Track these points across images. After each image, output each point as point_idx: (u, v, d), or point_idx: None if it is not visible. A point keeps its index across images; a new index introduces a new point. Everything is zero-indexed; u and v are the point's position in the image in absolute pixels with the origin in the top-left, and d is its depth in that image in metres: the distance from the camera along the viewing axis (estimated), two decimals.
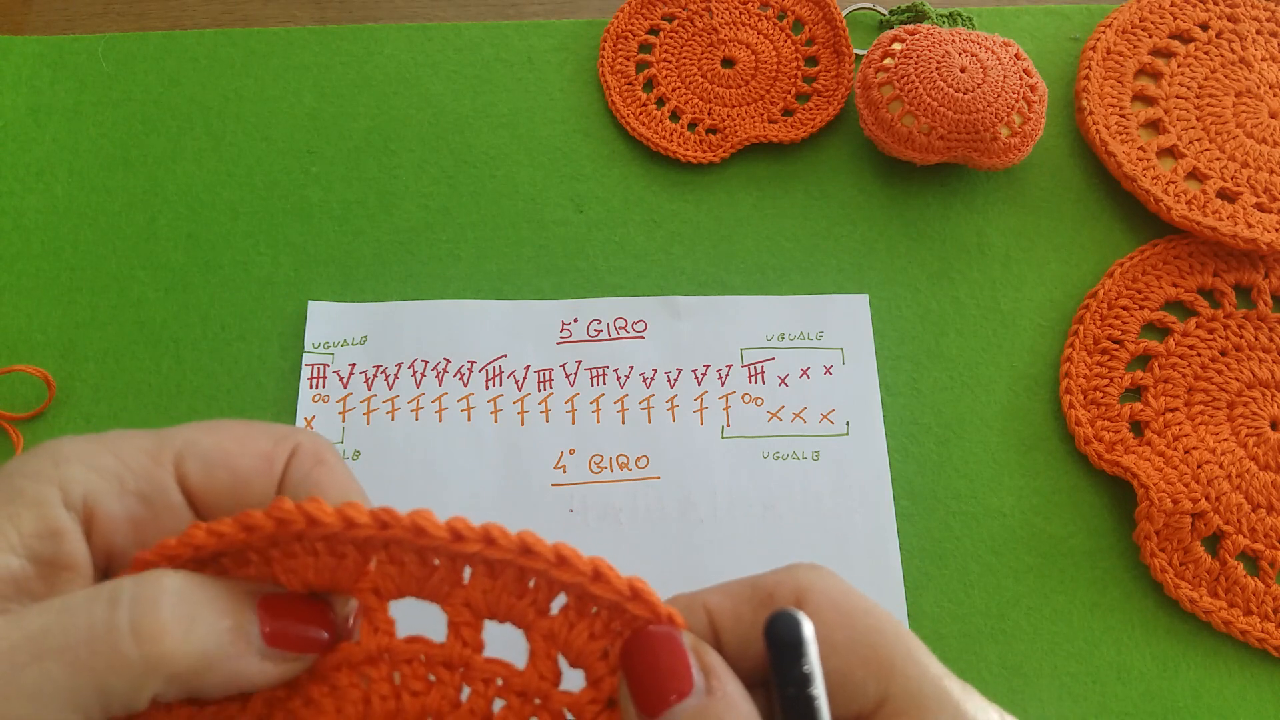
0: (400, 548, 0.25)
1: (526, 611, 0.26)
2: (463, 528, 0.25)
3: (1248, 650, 0.44)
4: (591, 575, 0.25)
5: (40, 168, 0.52)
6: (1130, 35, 0.55)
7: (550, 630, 0.26)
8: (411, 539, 0.25)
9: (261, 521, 0.25)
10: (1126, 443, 0.47)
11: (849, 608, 0.26)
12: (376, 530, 0.25)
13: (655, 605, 0.25)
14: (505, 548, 0.25)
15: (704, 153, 0.53)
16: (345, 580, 0.26)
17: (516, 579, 0.25)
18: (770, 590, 0.27)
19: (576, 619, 0.26)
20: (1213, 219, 0.49)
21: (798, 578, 0.27)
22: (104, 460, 0.26)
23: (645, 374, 0.48)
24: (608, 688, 0.25)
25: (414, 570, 0.26)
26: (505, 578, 0.25)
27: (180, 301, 0.50)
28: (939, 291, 0.50)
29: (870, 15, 0.57)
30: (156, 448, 0.27)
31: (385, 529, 0.25)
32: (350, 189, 0.52)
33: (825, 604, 0.26)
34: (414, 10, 0.58)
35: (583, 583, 0.25)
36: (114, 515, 0.26)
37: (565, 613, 0.26)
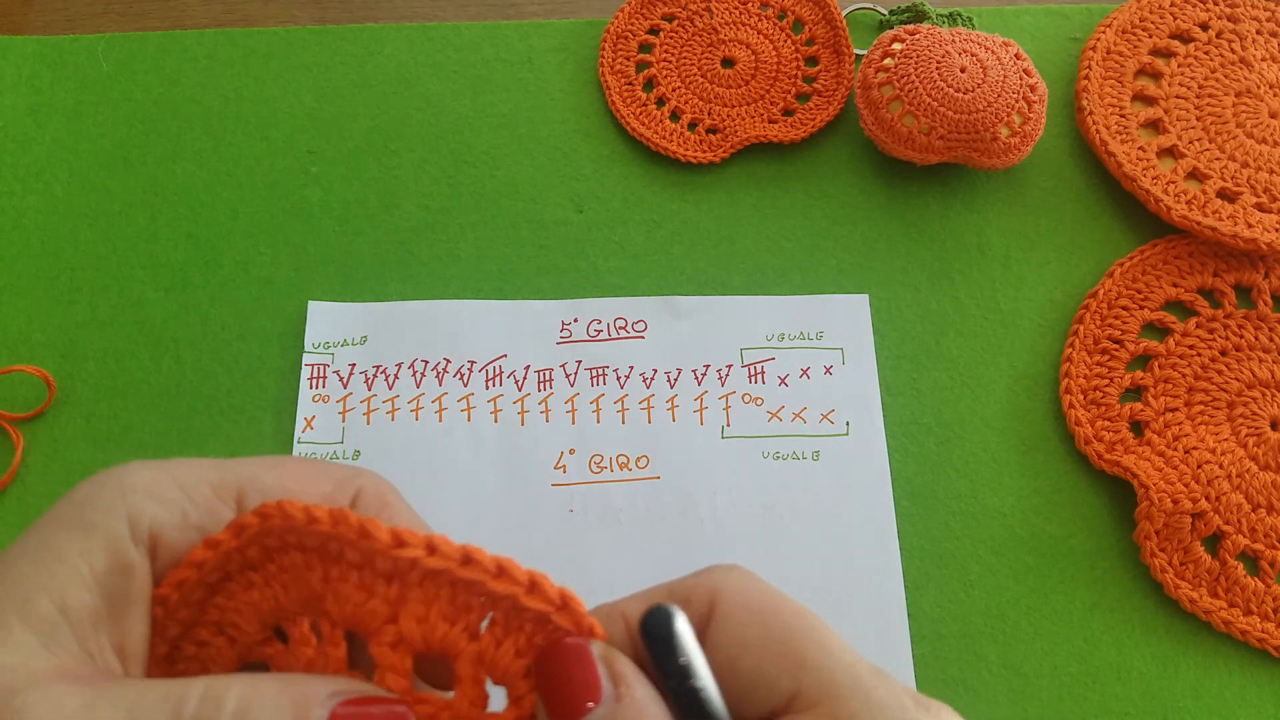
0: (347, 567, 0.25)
1: (459, 639, 0.25)
2: (407, 535, 0.25)
3: (1248, 650, 0.44)
4: (528, 586, 0.25)
5: (40, 168, 0.52)
6: (1130, 35, 0.55)
7: (479, 653, 0.25)
8: (354, 540, 0.25)
9: (250, 521, 0.25)
10: (1126, 443, 0.47)
11: (760, 605, 0.26)
12: (329, 526, 0.25)
13: (580, 617, 0.25)
14: (447, 556, 0.25)
15: (704, 153, 0.53)
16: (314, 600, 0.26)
17: (450, 601, 0.25)
18: (685, 594, 0.27)
19: (504, 636, 0.25)
20: (1213, 219, 0.49)
21: (712, 579, 0.27)
22: (169, 492, 0.26)
23: (645, 374, 0.48)
24: (528, 704, 0.25)
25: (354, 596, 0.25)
26: (439, 602, 0.25)
27: (180, 301, 0.50)
28: (939, 291, 0.50)
29: (870, 15, 0.57)
30: (220, 481, 0.27)
31: (336, 525, 0.25)
32: (350, 189, 0.52)
33: (737, 604, 0.26)
34: (414, 10, 0.58)
35: (517, 595, 0.25)
36: (176, 548, 0.26)
37: (493, 630, 0.25)
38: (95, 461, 0.46)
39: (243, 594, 0.26)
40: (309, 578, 0.25)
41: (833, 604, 0.44)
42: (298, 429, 0.46)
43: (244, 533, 0.25)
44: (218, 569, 0.26)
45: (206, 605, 0.27)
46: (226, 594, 0.26)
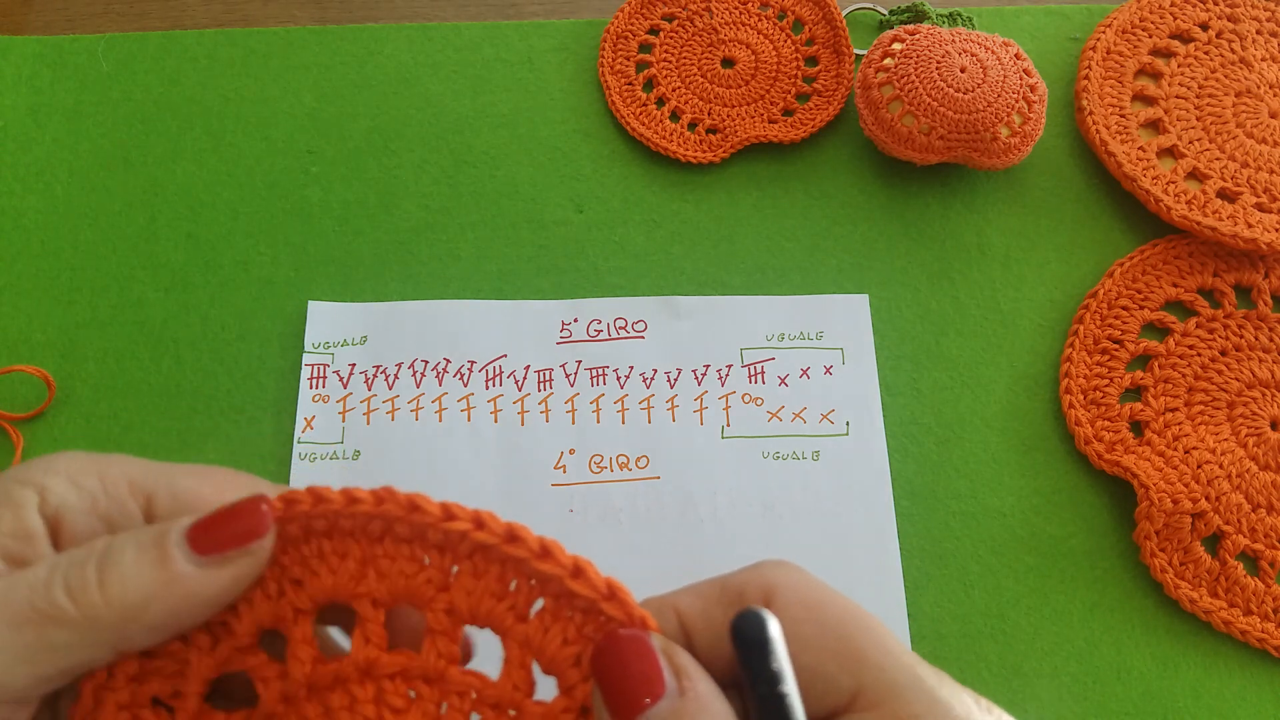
0: (395, 542, 0.26)
1: (505, 616, 0.26)
2: (456, 509, 0.25)
3: (1248, 650, 0.44)
4: (572, 570, 0.25)
5: (40, 168, 0.52)
6: (1130, 35, 0.55)
7: (526, 636, 0.25)
8: (405, 515, 0.25)
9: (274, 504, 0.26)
10: (1126, 443, 0.47)
11: (816, 601, 0.26)
12: (374, 506, 0.25)
13: (630, 607, 0.25)
14: (494, 531, 0.25)
15: (704, 153, 0.53)
16: (346, 586, 0.26)
17: (499, 578, 0.26)
18: (738, 589, 0.27)
19: (551, 623, 0.25)
20: (1213, 219, 0.49)
21: (765, 575, 0.27)
22: (87, 480, 0.27)
23: (645, 374, 0.48)
24: (580, 695, 0.25)
25: (405, 569, 0.26)
26: (488, 578, 0.26)
27: (180, 301, 0.50)
28: (939, 291, 0.50)
29: (870, 15, 0.57)
30: (140, 478, 0.28)
31: (381, 504, 0.25)
32: (350, 189, 0.52)
33: (793, 600, 0.26)
34: (414, 10, 0.58)
35: (563, 577, 0.25)
36: (78, 532, 0.27)
37: (541, 616, 0.26)
38: None
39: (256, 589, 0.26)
40: (340, 565, 0.26)
41: None
42: (298, 429, 0.46)
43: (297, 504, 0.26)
44: None
45: None
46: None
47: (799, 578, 0.27)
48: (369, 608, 0.26)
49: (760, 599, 0.26)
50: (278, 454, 0.46)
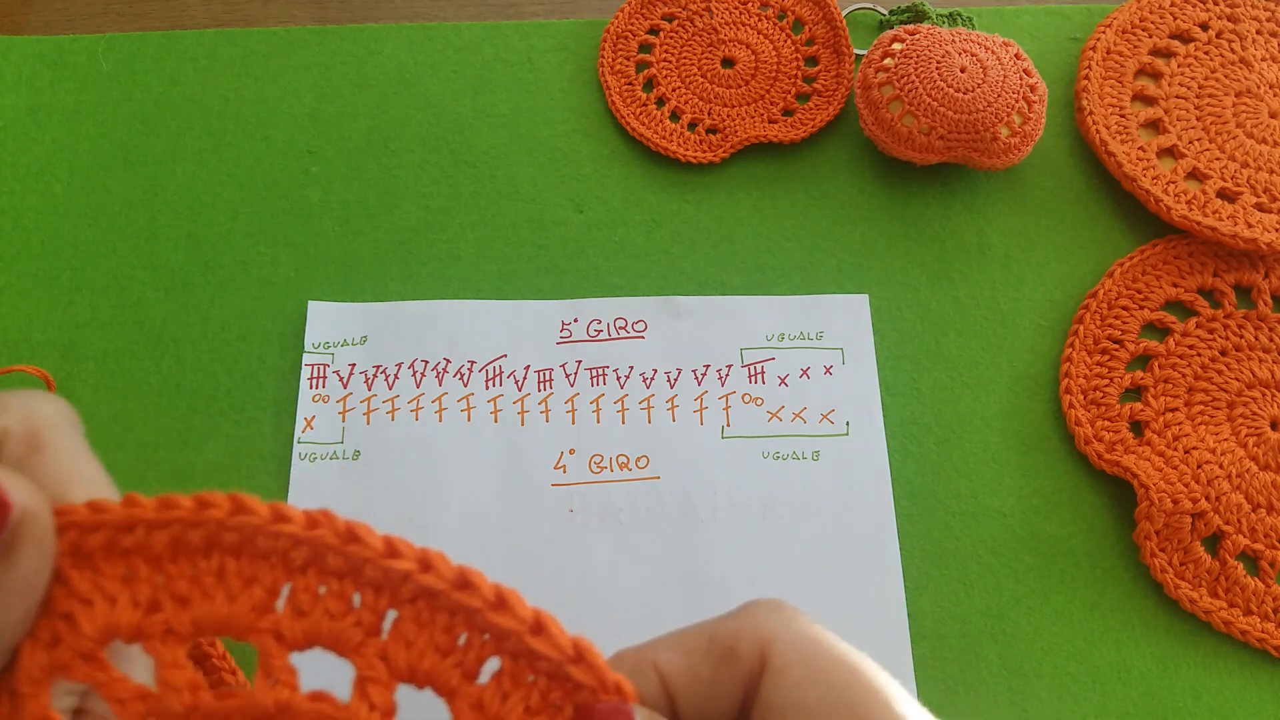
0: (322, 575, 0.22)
1: (451, 675, 0.22)
2: (401, 545, 0.22)
3: (1248, 650, 0.44)
4: (533, 625, 0.22)
5: (40, 168, 0.52)
6: (1130, 35, 0.55)
7: (479, 700, 0.22)
8: (341, 546, 0.22)
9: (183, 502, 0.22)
10: (1126, 443, 0.47)
11: (818, 661, 0.23)
12: (304, 528, 0.22)
13: (601, 671, 0.22)
14: (443, 575, 0.22)
15: (704, 153, 0.53)
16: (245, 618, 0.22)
17: (445, 631, 0.22)
18: (730, 644, 0.24)
19: (511, 688, 0.22)
20: (1213, 219, 0.49)
21: (760, 626, 0.24)
22: None
23: (645, 374, 0.48)
24: None
25: (331, 607, 0.22)
26: (433, 629, 0.22)
27: (180, 301, 0.50)
28: (939, 291, 0.50)
29: (870, 15, 0.57)
30: None
31: (315, 528, 0.22)
32: (350, 189, 0.52)
33: (793, 659, 0.23)
34: (414, 10, 0.58)
35: (522, 634, 0.22)
36: None
37: (498, 680, 0.22)
38: None
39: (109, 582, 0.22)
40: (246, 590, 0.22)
41: (833, 604, 0.44)
42: (298, 429, 0.46)
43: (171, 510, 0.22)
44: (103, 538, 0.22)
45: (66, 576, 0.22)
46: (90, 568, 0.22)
47: (798, 628, 0.24)
48: (271, 643, 0.22)
49: (757, 655, 0.23)
50: (278, 454, 0.46)
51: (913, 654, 0.43)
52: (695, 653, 0.24)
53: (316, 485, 0.46)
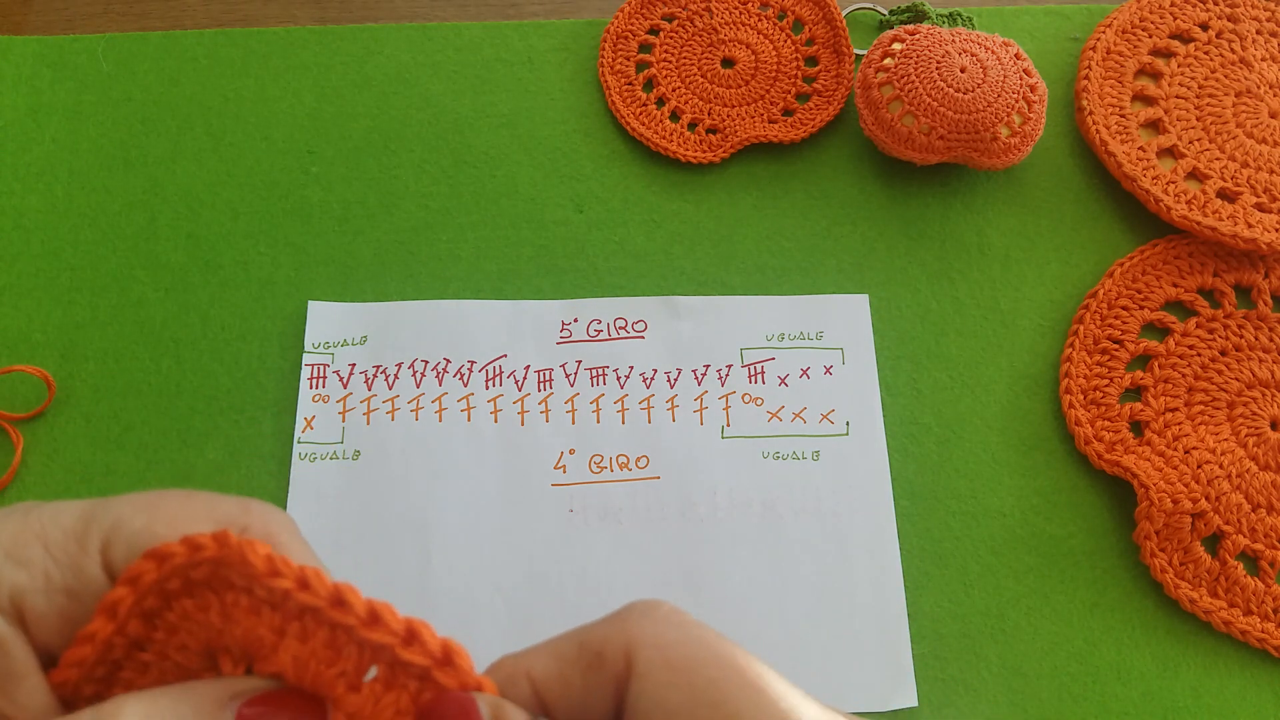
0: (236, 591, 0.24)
1: (336, 684, 0.23)
2: (281, 564, 0.23)
3: (1248, 650, 0.44)
4: (404, 637, 0.23)
5: (40, 168, 0.52)
6: (1130, 35, 0.55)
7: (356, 708, 0.23)
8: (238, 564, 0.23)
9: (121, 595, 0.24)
10: (1126, 443, 0.47)
11: (684, 661, 0.23)
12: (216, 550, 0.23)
13: (465, 674, 0.23)
14: (317, 593, 0.23)
15: (704, 153, 0.53)
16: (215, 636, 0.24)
17: (327, 645, 0.23)
18: (597, 649, 0.24)
19: (383, 693, 0.23)
20: (1213, 219, 0.49)
21: (628, 630, 0.24)
22: (31, 552, 0.24)
23: (645, 374, 0.48)
24: None
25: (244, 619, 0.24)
26: (315, 642, 0.23)
27: (180, 301, 0.50)
28: (939, 291, 0.50)
29: (870, 15, 0.57)
30: (84, 530, 0.25)
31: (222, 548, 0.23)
32: (350, 189, 0.52)
33: (658, 662, 0.23)
34: (414, 10, 0.58)
35: (394, 646, 0.23)
36: (44, 614, 0.24)
37: (372, 686, 0.23)
38: (95, 461, 0.46)
39: (139, 681, 0.24)
40: (205, 618, 0.24)
41: (832, 604, 0.44)
42: (298, 429, 0.46)
43: (118, 609, 0.24)
44: (102, 661, 0.24)
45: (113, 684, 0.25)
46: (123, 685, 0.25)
47: (666, 631, 0.24)
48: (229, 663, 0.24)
49: (622, 659, 0.23)
50: (277, 454, 0.46)
51: (913, 654, 0.43)
52: (566, 659, 0.24)
53: (316, 485, 0.46)
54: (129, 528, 0.25)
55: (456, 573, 0.44)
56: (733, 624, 0.43)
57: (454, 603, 0.44)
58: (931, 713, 0.43)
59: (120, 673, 0.25)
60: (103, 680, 0.25)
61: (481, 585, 0.44)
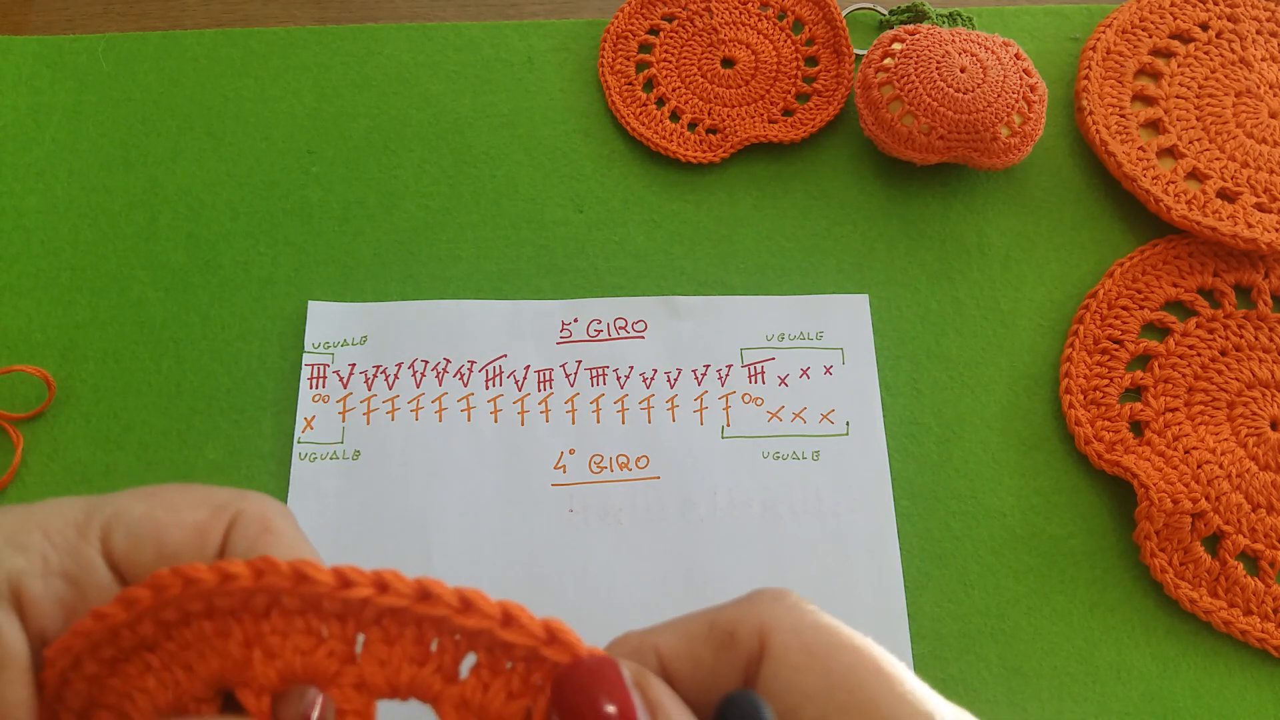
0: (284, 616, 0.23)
1: (432, 681, 0.23)
2: (352, 574, 0.22)
3: (1248, 650, 0.44)
4: (501, 619, 0.22)
5: (40, 168, 0.52)
6: (1130, 35, 0.55)
7: (462, 697, 0.22)
8: (292, 587, 0.22)
9: (141, 594, 0.23)
10: (1126, 443, 0.47)
11: (820, 646, 0.23)
12: (252, 580, 0.22)
13: (576, 648, 0.22)
14: (401, 592, 0.22)
15: (704, 153, 0.53)
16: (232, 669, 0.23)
17: (416, 642, 0.23)
18: (730, 629, 0.24)
19: (490, 678, 0.22)
20: (1213, 219, 0.49)
21: (760, 613, 0.24)
22: (31, 538, 0.25)
23: (645, 374, 0.48)
24: None
25: (299, 644, 0.23)
26: (403, 642, 0.23)
27: (180, 301, 0.50)
28: (939, 291, 0.50)
29: (870, 15, 0.57)
30: (85, 520, 0.25)
31: (261, 577, 0.22)
32: (350, 189, 0.52)
33: (793, 645, 0.23)
34: (414, 10, 0.58)
35: (492, 629, 0.22)
36: (41, 598, 0.24)
37: (477, 673, 0.23)
38: (95, 461, 0.46)
39: (138, 678, 0.24)
40: (225, 645, 0.23)
41: (833, 604, 0.43)
42: (298, 429, 0.46)
43: (135, 607, 0.23)
44: (108, 644, 0.24)
45: (104, 684, 0.24)
46: (122, 676, 0.24)
47: (800, 617, 0.24)
48: (252, 699, 0.23)
49: (756, 641, 0.24)
50: (278, 454, 0.46)
51: (913, 654, 0.43)
52: (696, 638, 0.24)
53: (316, 485, 0.46)
54: (130, 514, 0.25)
55: (456, 572, 0.44)
56: None
57: None
58: None
59: (125, 664, 0.24)
60: (106, 663, 0.24)
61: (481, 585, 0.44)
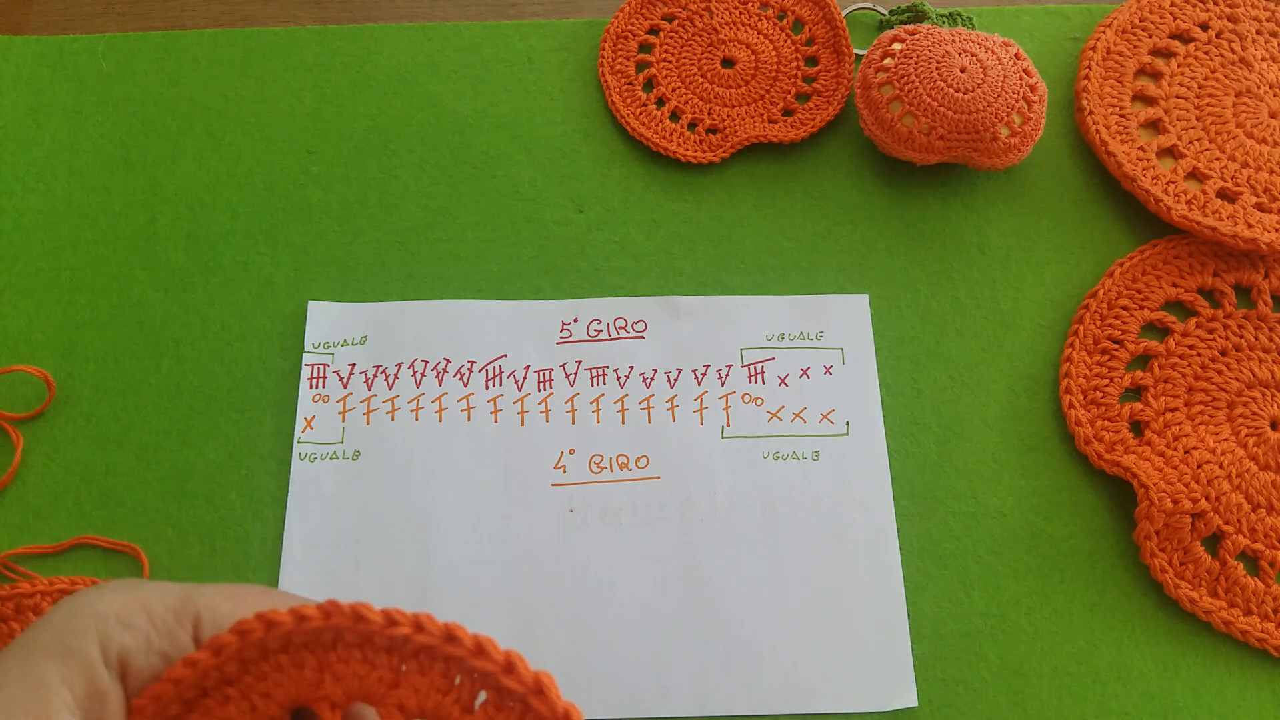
0: (346, 647, 0.29)
1: (452, 709, 0.28)
2: (397, 615, 0.28)
3: (1248, 650, 0.44)
4: (504, 666, 0.28)
5: (40, 168, 0.52)
6: (1130, 35, 0.55)
7: None
8: (352, 625, 0.28)
9: (229, 640, 0.28)
10: (1126, 443, 0.47)
11: None
12: (322, 620, 0.28)
13: (554, 703, 0.27)
14: (432, 633, 0.28)
15: (704, 153, 0.53)
16: (307, 692, 0.29)
17: (442, 675, 0.28)
18: None
19: (495, 714, 0.28)
20: (1213, 219, 0.49)
21: None
22: (137, 619, 0.29)
23: (645, 374, 0.48)
24: None
25: (358, 670, 0.29)
26: (433, 674, 0.28)
27: (180, 301, 0.50)
28: (939, 291, 0.50)
29: (870, 15, 0.57)
30: (181, 607, 0.29)
31: (329, 618, 0.28)
32: (350, 189, 0.52)
33: None
34: (414, 10, 0.58)
35: (496, 673, 0.27)
36: (141, 672, 0.28)
37: (485, 709, 0.28)
38: (95, 461, 0.46)
39: (218, 709, 0.29)
40: (299, 674, 0.29)
41: (833, 604, 0.44)
42: (298, 429, 0.46)
43: (223, 651, 0.28)
44: (195, 686, 0.28)
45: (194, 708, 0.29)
46: (202, 710, 0.29)
47: None
48: (327, 710, 0.28)
49: None
50: (277, 454, 0.46)
51: (913, 654, 0.43)
52: None
53: (316, 485, 0.46)
54: (219, 610, 0.30)
55: (456, 572, 0.44)
56: (733, 624, 0.43)
57: (454, 602, 0.44)
58: (931, 713, 0.43)
59: (204, 699, 0.29)
60: (187, 703, 0.29)
61: (481, 585, 0.44)
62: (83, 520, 0.45)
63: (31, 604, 0.43)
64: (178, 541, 0.45)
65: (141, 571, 0.44)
